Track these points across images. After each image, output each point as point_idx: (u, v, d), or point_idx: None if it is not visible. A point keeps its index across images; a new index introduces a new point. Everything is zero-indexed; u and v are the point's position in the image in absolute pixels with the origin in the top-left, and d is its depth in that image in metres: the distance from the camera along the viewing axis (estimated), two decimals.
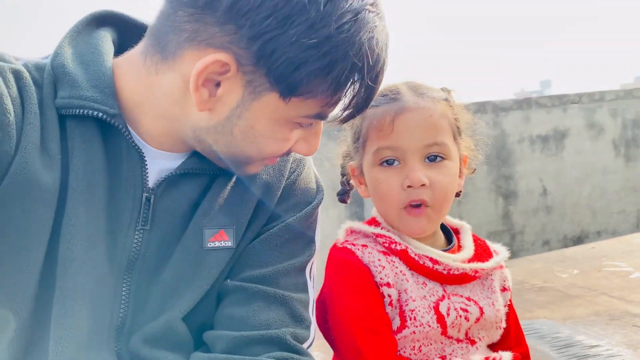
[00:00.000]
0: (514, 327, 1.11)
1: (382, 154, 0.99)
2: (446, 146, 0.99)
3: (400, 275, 0.99)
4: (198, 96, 0.77)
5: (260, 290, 0.87)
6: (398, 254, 1.00)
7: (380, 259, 0.99)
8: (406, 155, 0.97)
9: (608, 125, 4.42)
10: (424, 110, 0.98)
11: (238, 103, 0.78)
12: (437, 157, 0.98)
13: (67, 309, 0.77)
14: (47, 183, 0.76)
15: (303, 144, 0.86)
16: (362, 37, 0.75)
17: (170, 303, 0.84)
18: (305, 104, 0.78)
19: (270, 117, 0.79)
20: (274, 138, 0.82)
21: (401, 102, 0.99)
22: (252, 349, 0.83)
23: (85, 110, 0.79)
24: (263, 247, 0.90)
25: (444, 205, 1.00)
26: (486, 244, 1.12)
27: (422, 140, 0.97)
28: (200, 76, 0.75)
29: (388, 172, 0.99)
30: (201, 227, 0.86)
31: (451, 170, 1.00)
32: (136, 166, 0.83)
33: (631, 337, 1.84)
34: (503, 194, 4.10)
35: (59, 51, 0.83)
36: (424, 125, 0.97)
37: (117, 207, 0.83)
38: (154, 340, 0.83)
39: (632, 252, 2.73)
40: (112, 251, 0.82)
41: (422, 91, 1.01)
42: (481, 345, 1.02)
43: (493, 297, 1.04)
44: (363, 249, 1.00)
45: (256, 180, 0.92)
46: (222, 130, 0.80)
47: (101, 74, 0.82)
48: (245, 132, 0.80)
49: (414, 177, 0.96)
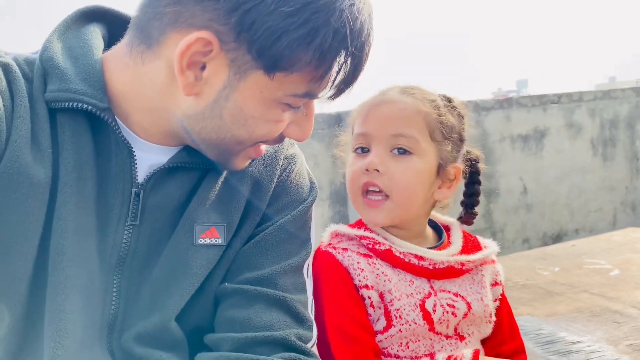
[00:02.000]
0: (508, 321, 1.12)
1: (356, 140, 1.04)
2: (414, 141, 1.00)
3: (382, 276, 0.99)
4: (184, 79, 0.76)
5: (260, 293, 0.87)
6: (381, 254, 1.01)
7: (359, 262, 1.00)
8: (373, 142, 1.01)
9: (586, 125, 4.49)
10: (399, 103, 1.01)
11: (225, 84, 0.77)
12: (406, 152, 1.00)
13: (60, 303, 0.77)
14: (38, 177, 0.75)
15: (295, 128, 0.85)
16: (343, 3, 0.74)
17: (162, 301, 0.84)
18: (291, 80, 0.77)
19: (259, 97, 0.78)
20: (265, 119, 0.81)
21: (384, 96, 1.04)
22: (259, 350, 0.83)
23: (74, 103, 0.78)
24: (259, 249, 0.90)
25: (405, 199, 1.01)
26: (477, 239, 1.13)
27: (388, 130, 1.00)
28: (183, 57, 0.75)
29: (358, 158, 1.04)
30: (192, 223, 0.86)
31: (416, 166, 1.00)
32: (125, 160, 0.82)
33: (612, 333, 1.88)
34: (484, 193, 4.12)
35: (48, 45, 0.83)
36: (394, 116, 1.01)
37: (106, 202, 0.82)
38: (146, 339, 0.83)
39: (611, 250, 2.79)
40: (102, 246, 0.82)
41: (411, 91, 1.03)
42: (471, 341, 1.03)
43: (482, 292, 1.05)
44: (343, 252, 1.01)
45: (247, 178, 0.92)
46: (210, 115, 0.79)
47: (90, 67, 0.81)
48: (235, 115, 0.79)
49: (369, 160, 1.00)
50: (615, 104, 4.62)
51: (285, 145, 0.99)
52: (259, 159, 0.94)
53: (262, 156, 0.95)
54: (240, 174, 0.92)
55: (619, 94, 4.67)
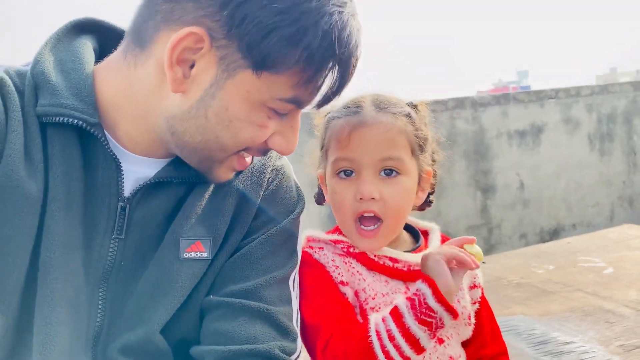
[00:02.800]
0: (489, 324, 1.12)
1: (339, 164, 1.02)
2: (401, 161, 1.01)
3: (357, 275, 1.02)
4: (172, 74, 0.77)
5: (244, 305, 0.88)
6: (356, 256, 1.03)
7: (334, 259, 1.02)
8: (361, 167, 1.00)
9: (584, 120, 4.49)
10: (382, 125, 1.00)
11: (212, 82, 0.78)
12: (393, 172, 1.00)
13: (47, 316, 0.78)
14: (31, 191, 0.77)
15: (280, 139, 0.85)
16: (333, 9, 0.76)
17: (147, 314, 0.85)
18: (278, 82, 0.78)
19: (245, 97, 0.79)
20: (249, 122, 0.81)
21: (361, 115, 1.01)
22: None
23: (65, 118, 0.79)
24: (244, 262, 0.91)
25: (397, 220, 1.03)
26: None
27: (377, 154, 0.99)
28: (174, 51, 0.76)
29: (343, 183, 1.02)
30: (177, 237, 0.87)
31: (405, 186, 1.02)
32: (112, 175, 0.83)
33: (603, 333, 1.89)
34: (481, 188, 4.15)
35: (39, 59, 0.83)
36: (380, 140, 0.99)
37: (93, 216, 0.83)
38: (132, 351, 0.84)
39: (606, 248, 2.79)
40: (88, 259, 0.83)
41: (384, 106, 1.03)
42: (450, 343, 1.04)
43: (459, 294, 1.04)
44: (319, 251, 1.04)
45: (233, 191, 0.92)
46: (195, 114, 0.80)
47: (81, 82, 0.82)
48: (220, 115, 0.79)
49: (365, 189, 0.99)
50: (613, 99, 4.61)
51: (272, 157, 0.99)
52: (246, 172, 0.95)
53: (248, 169, 0.95)
54: (227, 187, 0.92)
55: (616, 88, 4.66)
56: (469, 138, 4.06)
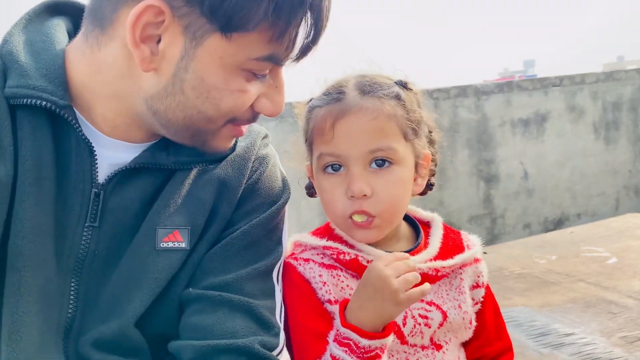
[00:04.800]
0: (494, 321, 1.06)
1: (324, 159, 0.94)
2: (393, 150, 0.91)
3: (347, 289, 0.93)
4: (139, 53, 0.74)
5: (224, 298, 0.84)
6: (347, 264, 0.94)
7: (321, 274, 0.94)
8: (349, 161, 0.91)
9: (588, 108, 4.42)
10: (367, 112, 0.90)
11: (182, 54, 0.74)
12: (385, 162, 0.91)
13: (15, 305, 0.75)
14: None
15: (266, 101, 0.82)
16: None
17: (121, 306, 0.81)
18: (250, 41, 0.74)
19: (219, 64, 0.75)
20: (228, 89, 0.77)
21: (343, 103, 0.92)
22: (220, 359, 0.80)
23: (33, 100, 0.75)
24: (225, 253, 0.87)
25: (392, 215, 0.95)
26: (460, 237, 1.05)
27: (365, 146, 0.90)
28: (135, 28, 0.72)
29: (332, 179, 0.94)
30: (154, 226, 0.83)
31: (400, 176, 0.93)
32: (85, 160, 0.80)
33: (606, 324, 1.84)
34: (484, 178, 4.10)
35: (8, 39, 0.80)
36: (367, 130, 0.90)
37: (65, 202, 0.80)
38: (104, 345, 0.80)
39: (610, 237, 2.74)
40: (61, 248, 0.79)
41: (369, 89, 0.93)
42: (449, 348, 0.98)
43: (460, 299, 0.99)
44: (305, 263, 0.95)
45: (214, 180, 0.89)
46: (172, 91, 0.77)
47: (51, 63, 0.79)
48: (197, 87, 0.76)
49: (355, 187, 0.90)
50: (619, 86, 4.54)
51: (256, 146, 0.96)
52: (228, 161, 0.91)
53: (231, 157, 0.92)
54: (207, 176, 0.89)
55: (622, 75, 4.58)
56: (472, 127, 4.01)
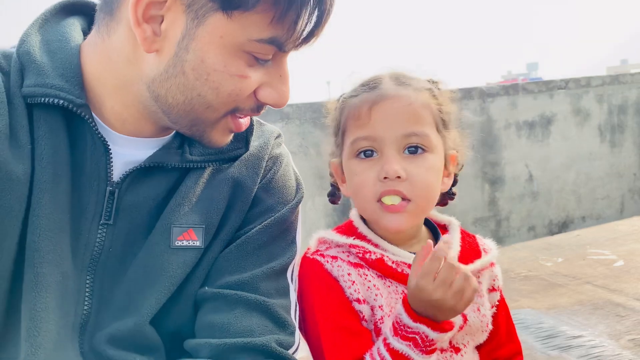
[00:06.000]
0: (505, 325, 1.06)
1: (358, 144, 0.94)
2: (427, 137, 0.93)
3: (373, 289, 0.93)
4: (141, 33, 0.74)
5: (240, 297, 0.84)
6: (373, 264, 0.95)
7: (350, 273, 0.94)
8: (383, 145, 0.92)
9: (594, 111, 4.42)
10: (404, 99, 0.93)
11: (183, 33, 0.75)
12: (418, 149, 0.92)
13: (33, 301, 0.75)
14: (17, 174, 0.74)
15: (269, 90, 0.82)
16: None
17: (135, 303, 0.82)
18: (252, 21, 0.74)
19: (220, 44, 0.75)
20: (228, 72, 0.77)
21: (380, 90, 0.94)
22: (237, 357, 0.81)
23: (51, 99, 0.77)
24: (240, 252, 0.87)
25: (427, 201, 0.95)
26: (476, 240, 1.06)
27: (400, 130, 0.92)
28: (138, 8, 0.73)
29: (364, 164, 0.94)
30: (169, 224, 0.84)
31: (433, 164, 0.94)
32: (100, 158, 0.81)
33: (614, 327, 1.85)
34: (489, 180, 4.10)
35: (25, 39, 0.81)
36: (402, 114, 0.92)
37: (81, 200, 0.80)
38: (120, 341, 0.81)
39: (616, 240, 2.74)
40: (76, 245, 0.80)
41: (404, 80, 0.96)
42: (467, 351, 0.98)
43: (479, 302, 0.99)
44: (332, 261, 0.95)
45: (228, 179, 0.89)
46: (173, 72, 0.77)
47: (68, 62, 0.80)
48: (197, 69, 0.76)
49: (389, 168, 0.90)
50: (624, 89, 4.54)
51: (270, 145, 0.96)
52: (242, 160, 0.91)
53: (245, 156, 0.92)
54: (222, 175, 0.89)
55: (627, 78, 4.59)
56: (477, 129, 4.01)
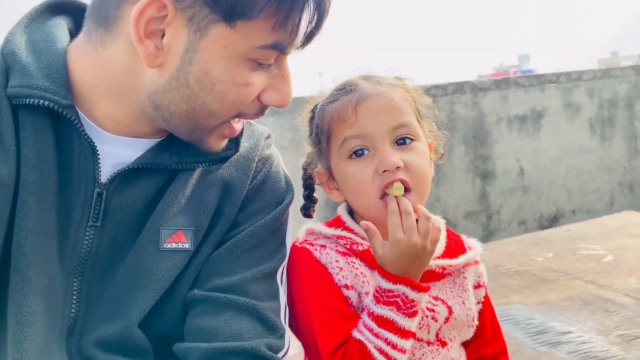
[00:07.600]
0: (490, 323, 1.09)
1: (350, 144, 0.95)
2: (413, 127, 0.97)
3: (360, 277, 0.95)
4: (143, 49, 0.74)
5: (229, 300, 0.84)
6: (361, 255, 0.97)
7: (338, 260, 0.96)
8: (375, 141, 0.94)
9: (585, 105, 4.43)
10: (384, 95, 0.96)
11: (186, 47, 0.75)
12: (407, 139, 0.96)
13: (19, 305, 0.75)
14: (1, 176, 0.73)
15: (273, 92, 0.82)
16: None
17: (123, 306, 0.81)
18: (254, 29, 0.74)
19: (223, 55, 0.75)
20: (232, 82, 0.77)
21: (360, 90, 0.97)
22: None
23: (36, 100, 0.75)
24: (230, 255, 0.87)
25: (425, 188, 0.98)
26: (461, 239, 1.09)
27: (388, 124, 0.95)
28: (139, 24, 0.72)
29: (359, 163, 0.95)
30: (158, 226, 0.83)
31: (423, 150, 0.98)
32: (88, 159, 0.80)
33: (602, 322, 1.86)
34: (480, 174, 4.11)
35: (10, 38, 0.80)
36: (387, 109, 0.95)
37: (68, 202, 0.80)
38: (108, 345, 0.80)
39: (605, 235, 2.76)
40: (63, 247, 0.79)
41: (377, 80, 1.00)
42: (453, 346, 1.00)
43: (464, 296, 1.01)
44: (321, 249, 0.97)
45: (218, 180, 0.88)
46: (176, 85, 0.77)
47: (53, 62, 0.79)
48: (201, 80, 0.76)
49: (388, 160, 0.92)
50: (615, 83, 4.55)
51: (260, 146, 0.95)
52: (232, 161, 0.91)
53: (235, 158, 0.91)
54: (211, 176, 0.89)
55: (618, 72, 4.60)
56: (469, 123, 4.01)
